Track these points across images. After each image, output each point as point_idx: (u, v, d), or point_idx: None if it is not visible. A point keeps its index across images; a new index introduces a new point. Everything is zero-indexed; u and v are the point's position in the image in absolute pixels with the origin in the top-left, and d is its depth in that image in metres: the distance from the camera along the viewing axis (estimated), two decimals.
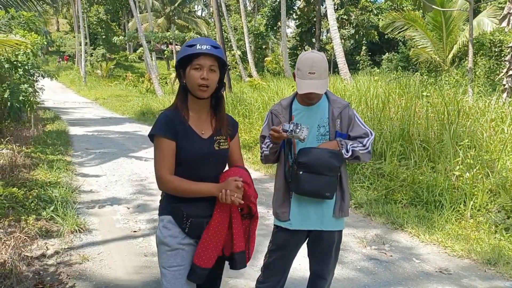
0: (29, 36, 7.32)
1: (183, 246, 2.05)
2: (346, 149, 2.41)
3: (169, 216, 2.07)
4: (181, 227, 2.04)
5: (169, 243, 2.04)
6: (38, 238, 4.33)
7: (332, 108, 2.47)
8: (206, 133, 2.09)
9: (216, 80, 2.04)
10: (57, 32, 52.02)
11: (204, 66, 1.98)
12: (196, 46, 1.97)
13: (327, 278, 2.62)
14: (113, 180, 6.93)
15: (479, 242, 4.42)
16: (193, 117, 2.08)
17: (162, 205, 2.14)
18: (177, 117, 2.05)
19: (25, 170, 6.69)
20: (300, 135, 2.28)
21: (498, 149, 6.01)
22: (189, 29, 39.64)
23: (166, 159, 2.01)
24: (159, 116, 2.07)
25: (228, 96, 13.56)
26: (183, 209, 2.03)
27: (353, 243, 4.54)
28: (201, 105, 2.09)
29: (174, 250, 2.04)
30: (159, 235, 2.08)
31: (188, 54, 1.98)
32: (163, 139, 2.00)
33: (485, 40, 14.95)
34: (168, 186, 2.02)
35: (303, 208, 2.48)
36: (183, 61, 2.02)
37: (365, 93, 9.14)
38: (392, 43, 28.29)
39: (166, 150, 2.00)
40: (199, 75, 1.98)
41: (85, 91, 28.40)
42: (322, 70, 2.37)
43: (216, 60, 2.02)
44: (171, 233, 2.05)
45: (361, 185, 6.19)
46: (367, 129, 2.50)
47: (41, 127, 11.98)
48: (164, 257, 2.06)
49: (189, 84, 2.02)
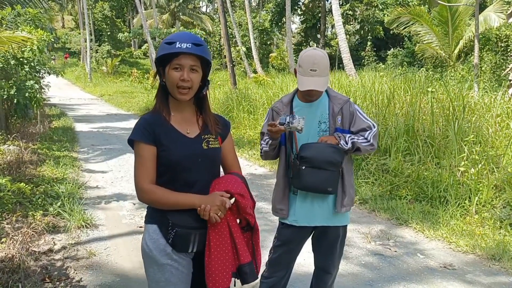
0: (35, 32, 7.35)
1: (171, 261, 1.86)
2: (345, 141, 2.42)
3: (155, 225, 1.89)
4: (166, 238, 1.85)
5: (155, 257, 1.86)
6: (45, 233, 4.39)
7: (332, 104, 2.49)
8: (192, 132, 1.91)
9: (198, 81, 1.86)
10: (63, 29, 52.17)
11: (185, 66, 1.80)
12: (175, 44, 1.78)
13: (332, 272, 2.64)
14: (119, 176, 6.98)
15: (484, 237, 4.43)
16: (176, 116, 1.91)
17: (148, 212, 1.96)
18: (157, 120, 1.88)
19: (32, 166, 6.75)
20: (297, 126, 2.27)
21: (504, 144, 6.00)
22: (194, 25, 39.58)
23: (144, 167, 1.84)
24: (138, 121, 1.92)
25: (233, 92, 13.58)
26: (169, 217, 1.84)
27: (357, 238, 4.55)
28: (183, 104, 1.91)
29: (161, 266, 1.86)
30: (144, 246, 1.90)
31: (166, 52, 1.80)
32: (141, 144, 1.85)
33: (491, 35, 14.84)
34: (147, 197, 1.84)
35: (308, 204, 2.50)
36: (162, 59, 1.84)
37: (370, 89, 9.12)
38: (397, 38, 28.11)
39: (145, 156, 1.84)
40: (178, 75, 1.80)
41: (91, 87, 28.48)
42: (323, 67, 2.38)
43: (198, 59, 1.83)
44: (156, 246, 1.86)
45: (365, 181, 6.19)
46: (369, 122, 2.51)
47: (47, 123, 12.05)
48: (151, 271, 1.90)
49: (168, 85, 1.85)
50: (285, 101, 2.59)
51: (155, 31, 27.32)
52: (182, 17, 40.11)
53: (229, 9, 27.91)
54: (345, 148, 2.41)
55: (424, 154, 6.28)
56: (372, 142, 2.46)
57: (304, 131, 2.33)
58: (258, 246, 1.97)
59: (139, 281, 3.56)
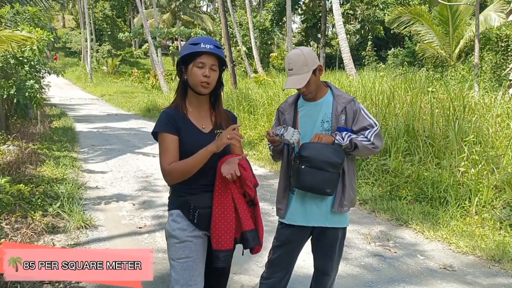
0: (35, 32, 7.31)
1: (192, 238, 2.12)
2: (341, 137, 2.40)
3: (178, 210, 2.15)
4: (189, 219, 2.12)
5: (178, 235, 2.12)
6: (45, 234, 4.38)
7: (336, 103, 2.47)
8: (206, 127, 2.18)
9: (216, 79, 2.13)
10: (63, 28, 52.13)
11: (207, 64, 2.07)
12: (200, 44, 2.07)
13: (331, 274, 2.63)
14: (118, 177, 6.97)
15: (484, 238, 4.42)
16: (193, 112, 2.18)
17: (171, 200, 2.22)
18: (177, 113, 2.14)
19: (32, 166, 6.75)
20: (289, 139, 2.33)
21: (504, 145, 5.98)
22: (195, 25, 39.53)
23: (168, 153, 2.09)
24: (161, 115, 2.17)
25: (233, 92, 13.56)
26: (190, 201, 2.12)
27: (357, 239, 4.54)
28: (200, 100, 2.18)
29: (183, 243, 2.11)
30: (168, 228, 2.17)
31: (192, 51, 2.07)
32: (165, 134, 2.10)
33: (492, 34, 14.80)
34: (170, 177, 2.09)
35: (307, 205, 2.49)
36: (186, 58, 2.10)
37: (370, 89, 9.10)
38: (398, 38, 28.06)
39: (168, 144, 2.09)
40: (201, 72, 2.07)
41: (91, 87, 28.50)
42: (299, 65, 2.39)
43: (217, 60, 2.11)
44: (180, 226, 2.13)
45: (365, 182, 6.18)
46: (371, 120, 2.47)
47: (48, 123, 12.06)
48: (173, 249, 2.14)
49: (191, 81, 2.11)
50: (290, 101, 2.60)
51: (156, 31, 27.28)
52: (182, 17, 40.08)
53: (230, 9, 27.90)
54: (342, 143, 2.39)
55: (424, 154, 6.27)
56: (373, 141, 2.41)
57: (307, 130, 2.40)
58: (259, 219, 2.21)
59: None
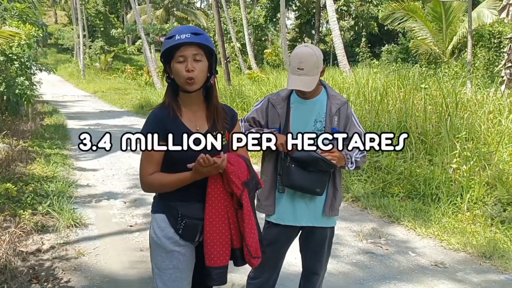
0: (23, 27, 7.21)
1: (179, 248, 1.93)
2: (351, 162, 2.41)
3: (163, 214, 1.95)
4: (174, 228, 1.92)
5: (164, 245, 1.93)
6: (34, 233, 4.32)
7: (330, 104, 2.43)
8: (201, 128, 1.94)
9: (203, 69, 1.88)
10: (55, 24, 51.69)
11: (187, 56, 1.83)
12: (175, 37, 1.83)
13: (320, 273, 2.61)
14: (110, 174, 6.92)
15: (475, 235, 4.42)
16: (187, 113, 1.94)
17: (156, 202, 2.02)
18: (167, 114, 1.91)
19: (22, 164, 6.67)
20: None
21: (496, 141, 5.99)
22: (188, 21, 39.37)
23: (151, 161, 1.91)
24: (149, 115, 1.97)
25: (226, 89, 13.48)
26: (179, 209, 1.91)
27: (349, 236, 4.53)
28: (192, 98, 1.93)
29: (170, 253, 1.93)
30: (152, 235, 1.97)
31: (168, 46, 1.84)
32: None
33: (484, 31, 14.86)
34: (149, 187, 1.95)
35: (296, 204, 2.45)
36: (166, 56, 1.88)
37: (363, 85, 9.10)
38: (391, 34, 28.12)
39: (151, 152, 1.90)
40: (183, 67, 1.83)
41: (84, 84, 28.27)
42: (311, 66, 2.30)
43: (200, 48, 1.85)
44: (165, 234, 1.93)
45: (358, 178, 6.17)
46: (361, 129, 2.49)
47: (39, 120, 11.94)
48: (159, 259, 1.96)
49: (176, 79, 1.88)
50: (282, 95, 2.48)
51: (149, 27, 27.12)
52: (176, 13, 39.87)
53: (223, 5, 27.78)
54: (350, 169, 2.43)
55: (416, 151, 6.27)
56: (365, 154, 2.50)
57: (299, 128, 2.37)
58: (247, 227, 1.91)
59: (128, 281, 3.53)
